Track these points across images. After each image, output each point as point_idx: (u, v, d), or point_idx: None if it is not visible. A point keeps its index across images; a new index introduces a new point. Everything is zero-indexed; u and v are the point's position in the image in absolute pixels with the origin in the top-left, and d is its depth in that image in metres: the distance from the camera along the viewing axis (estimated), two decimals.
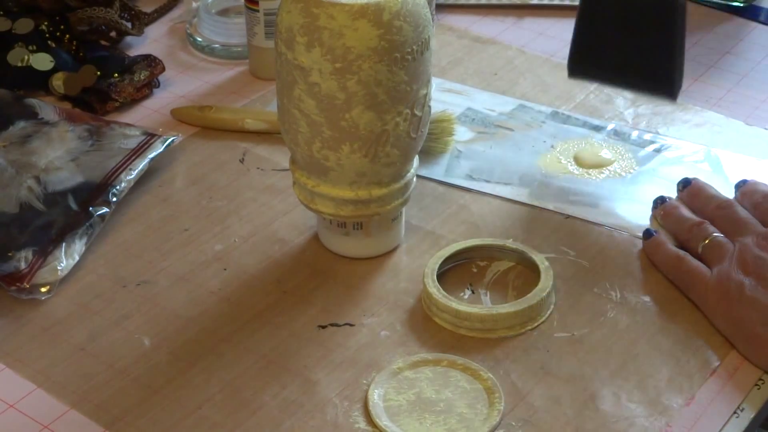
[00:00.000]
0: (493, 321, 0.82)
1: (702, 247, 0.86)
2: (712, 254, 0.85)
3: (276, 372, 0.79)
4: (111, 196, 0.92)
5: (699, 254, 0.86)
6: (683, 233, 0.88)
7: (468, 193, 0.96)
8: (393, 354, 0.81)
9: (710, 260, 0.85)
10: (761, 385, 0.79)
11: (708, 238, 0.86)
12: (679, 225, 0.89)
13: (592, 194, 0.96)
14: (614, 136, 1.03)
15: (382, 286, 0.87)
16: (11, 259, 0.86)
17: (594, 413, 0.76)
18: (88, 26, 1.12)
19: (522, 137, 1.03)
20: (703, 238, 0.86)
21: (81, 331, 0.83)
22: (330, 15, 0.78)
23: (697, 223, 0.88)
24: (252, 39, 1.11)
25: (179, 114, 1.05)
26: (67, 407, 0.77)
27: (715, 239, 0.86)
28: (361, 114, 0.80)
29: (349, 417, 0.76)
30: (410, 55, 0.80)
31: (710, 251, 0.85)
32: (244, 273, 0.88)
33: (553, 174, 0.98)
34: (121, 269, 0.88)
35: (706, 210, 0.89)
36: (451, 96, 1.08)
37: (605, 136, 1.03)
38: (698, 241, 0.87)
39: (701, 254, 0.86)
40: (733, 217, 0.87)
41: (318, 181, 0.85)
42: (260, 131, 1.03)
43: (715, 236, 0.86)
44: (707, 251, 0.86)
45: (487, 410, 0.76)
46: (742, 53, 1.18)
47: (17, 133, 0.98)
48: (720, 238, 0.86)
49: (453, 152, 1.00)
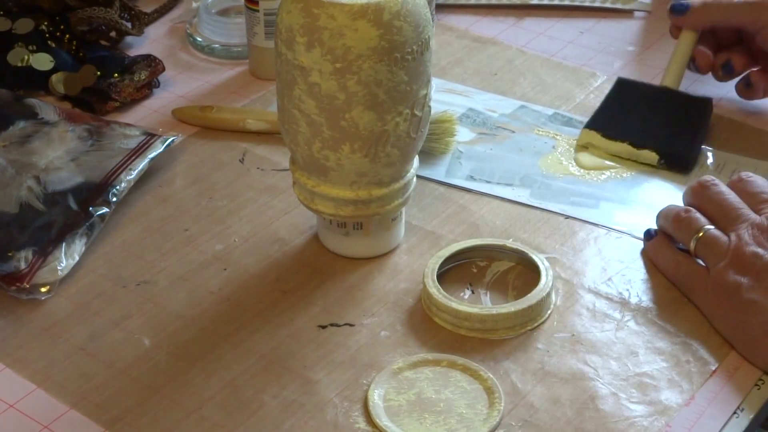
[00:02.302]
0: (493, 321, 0.82)
1: (695, 242, 0.84)
2: (706, 252, 0.83)
3: (276, 372, 0.79)
4: (111, 196, 0.92)
5: (693, 251, 0.84)
6: (670, 225, 0.86)
7: (468, 193, 0.96)
8: (393, 354, 0.81)
9: (705, 258, 0.84)
10: (761, 385, 0.79)
11: (700, 231, 0.84)
12: (666, 218, 0.87)
13: (592, 195, 0.96)
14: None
15: (382, 286, 0.87)
16: (11, 259, 0.86)
17: (594, 413, 0.76)
18: (88, 26, 1.12)
19: (523, 138, 1.03)
20: (695, 231, 0.84)
21: (81, 331, 0.83)
22: (330, 15, 0.78)
23: (683, 210, 0.86)
24: (252, 39, 1.11)
25: (181, 114, 1.05)
26: (67, 407, 0.77)
27: (708, 234, 0.83)
28: (361, 114, 0.80)
29: (349, 417, 0.76)
30: (410, 55, 0.80)
31: (704, 249, 0.83)
32: (244, 273, 0.88)
33: (554, 175, 0.98)
34: (121, 269, 0.88)
35: (695, 195, 0.87)
36: (453, 97, 1.08)
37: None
38: (690, 234, 0.84)
39: (695, 251, 0.84)
40: (720, 200, 0.85)
41: (318, 181, 0.85)
42: (261, 131, 1.03)
43: (708, 230, 0.84)
44: (701, 248, 0.84)
45: (487, 410, 0.76)
46: None
47: (17, 133, 0.98)
48: (712, 233, 0.83)
49: (454, 153, 1.00)
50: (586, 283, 0.87)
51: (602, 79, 1.12)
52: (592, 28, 1.22)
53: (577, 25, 1.22)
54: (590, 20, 1.23)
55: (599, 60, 1.16)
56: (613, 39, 1.19)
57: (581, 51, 1.17)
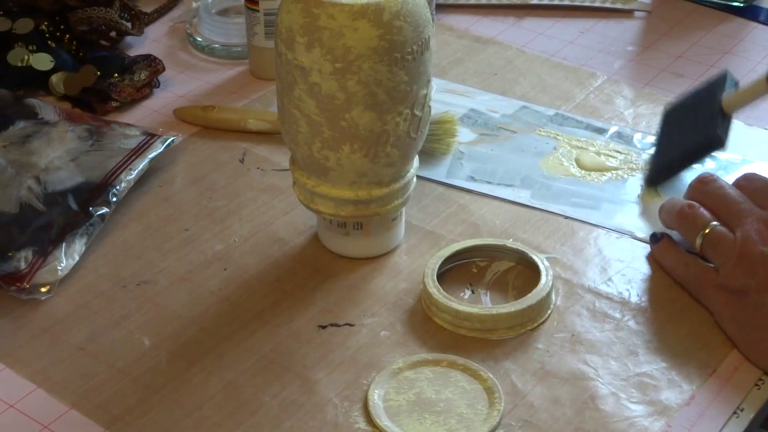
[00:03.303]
0: (493, 321, 0.82)
1: (701, 238, 0.83)
2: (713, 250, 0.82)
3: (276, 372, 0.79)
4: (111, 196, 0.92)
5: (699, 248, 0.83)
6: (674, 219, 0.86)
7: (468, 193, 0.96)
8: (393, 354, 0.81)
9: (712, 256, 0.83)
10: (761, 385, 0.79)
11: (706, 227, 0.83)
12: (669, 213, 0.87)
13: (593, 196, 0.96)
14: (617, 139, 1.03)
15: (382, 286, 0.87)
16: (11, 259, 0.86)
17: (594, 413, 0.76)
18: (88, 26, 1.12)
19: (524, 139, 1.03)
20: (701, 227, 0.83)
21: (81, 331, 0.83)
22: (330, 15, 0.78)
23: (687, 206, 0.85)
24: (252, 39, 1.11)
25: (182, 114, 1.05)
26: (67, 407, 0.77)
27: (714, 231, 0.82)
28: (361, 114, 0.80)
29: (349, 417, 0.76)
30: (410, 55, 0.80)
31: (711, 246, 0.82)
32: (244, 273, 0.88)
33: (554, 176, 0.98)
34: (121, 269, 0.88)
35: (694, 191, 0.86)
36: (454, 97, 1.08)
37: (608, 138, 1.03)
38: (696, 231, 0.83)
39: (701, 248, 0.83)
40: (721, 194, 0.84)
41: (318, 181, 0.85)
42: (262, 131, 1.03)
43: (714, 226, 0.83)
44: (708, 246, 0.83)
45: (487, 410, 0.76)
46: (742, 53, 1.18)
47: (17, 133, 0.98)
48: (718, 230, 0.82)
49: (455, 154, 1.00)
50: (586, 283, 0.87)
51: (602, 79, 1.12)
52: (592, 28, 1.22)
53: (577, 25, 1.22)
54: (590, 20, 1.23)
55: (599, 60, 1.16)
56: (613, 39, 1.20)
57: (581, 51, 1.17)
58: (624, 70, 1.14)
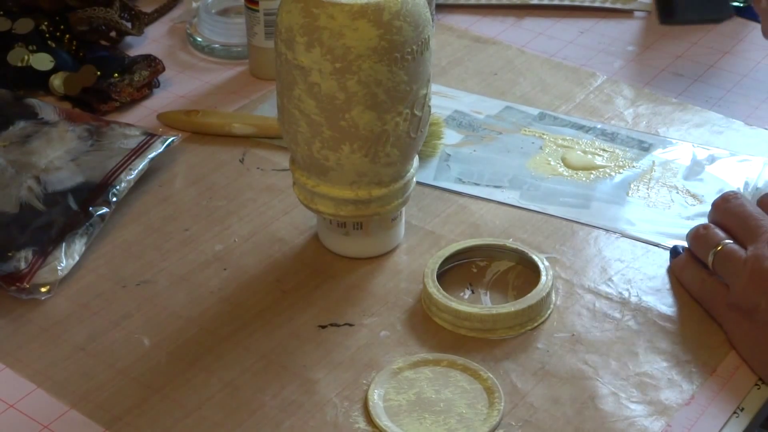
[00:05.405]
0: (493, 321, 0.82)
1: (713, 256, 0.82)
2: (724, 267, 0.81)
3: (276, 372, 0.79)
4: (111, 196, 0.92)
5: (711, 266, 0.82)
6: (690, 240, 0.85)
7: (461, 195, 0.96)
8: (393, 354, 0.81)
9: (723, 274, 0.82)
10: (761, 385, 0.79)
11: (718, 245, 0.82)
12: (688, 235, 0.86)
13: (582, 195, 0.95)
14: (602, 136, 1.02)
15: (382, 286, 0.87)
16: (11, 259, 0.86)
17: (594, 413, 0.76)
18: (88, 26, 1.12)
19: (510, 139, 1.02)
20: (713, 245, 0.82)
21: (81, 331, 0.83)
22: (330, 15, 0.78)
23: (702, 227, 0.85)
24: (252, 39, 1.11)
25: (165, 119, 1.04)
26: (67, 407, 0.77)
27: (726, 248, 0.81)
28: (361, 114, 0.80)
29: (349, 417, 0.76)
30: (410, 55, 0.80)
31: (722, 264, 0.81)
32: (244, 273, 0.88)
33: (542, 176, 0.98)
34: (121, 269, 0.88)
35: (717, 210, 0.85)
36: (438, 99, 1.06)
37: (593, 136, 1.02)
38: (708, 249, 0.83)
39: (713, 266, 0.82)
40: (740, 212, 0.83)
41: (318, 181, 0.85)
42: (248, 136, 1.02)
43: (726, 244, 0.82)
44: (719, 263, 0.82)
45: (487, 410, 0.76)
46: (742, 53, 1.18)
47: (17, 133, 0.98)
48: (730, 247, 0.81)
49: (442, 156, 1.00)
50: (586, 283, 0.87)
51: (602, 79, 1.12)
52: (592, 28, 1.22)
53: (577, 25, 1.22)
54: (590, 20, 1.23)
55: (599, 60, 1.16)
56: (613, 39, 1.20)
57: (581, 51, 1.17)
58: (624, 70, 1.14)
